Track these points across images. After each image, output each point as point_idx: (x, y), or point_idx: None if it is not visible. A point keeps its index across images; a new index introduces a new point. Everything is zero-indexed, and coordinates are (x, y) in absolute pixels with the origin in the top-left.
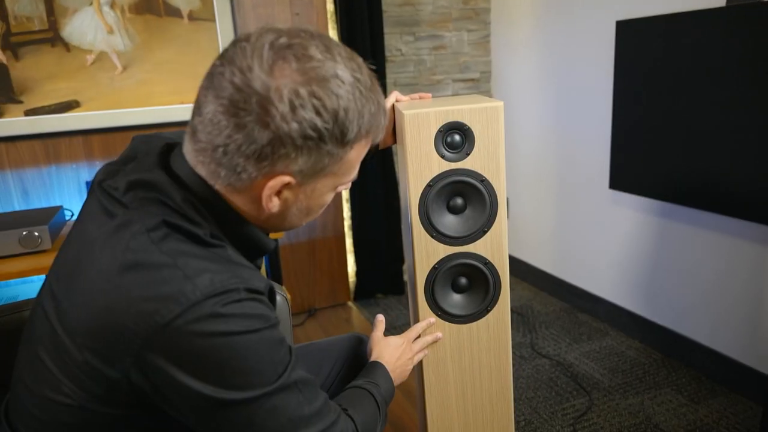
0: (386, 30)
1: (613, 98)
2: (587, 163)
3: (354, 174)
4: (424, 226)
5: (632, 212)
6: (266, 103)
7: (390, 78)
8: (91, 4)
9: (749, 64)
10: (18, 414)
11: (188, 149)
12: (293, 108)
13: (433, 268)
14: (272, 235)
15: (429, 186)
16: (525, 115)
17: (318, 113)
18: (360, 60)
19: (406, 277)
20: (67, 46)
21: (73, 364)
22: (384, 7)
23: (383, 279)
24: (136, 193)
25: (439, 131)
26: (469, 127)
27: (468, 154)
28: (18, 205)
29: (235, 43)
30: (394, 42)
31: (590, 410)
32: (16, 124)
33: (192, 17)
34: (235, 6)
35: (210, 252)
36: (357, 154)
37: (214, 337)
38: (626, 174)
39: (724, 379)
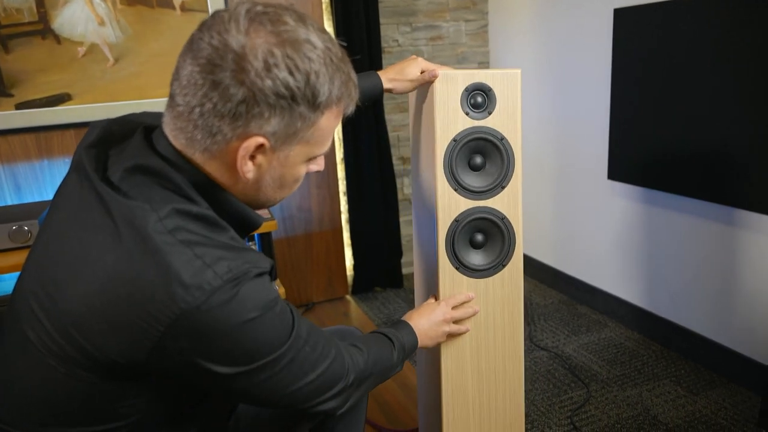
0: (382, 20)
1: (611, 87)
2: (586, 154)
3: (326, 146)
4: (447, 180)
5: (631, 203)
6: (241, 61)
7: None
8: None
9: (748, 52)
10: None
11: (167, 120)
12: (267, 66)
13: (455, 221)
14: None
15: (454, 141)
16: (523, 105)
17: (291, 73)
18: (331, 36)
19: (405, 270)
20: (57, 38)
21: (67, 360)
22: None
23: (381, 272)
24: (135, 179)
25: (465, 90)
26: (491, 89)
27: (490, 114)
28: (10, 200)
29: (213, 15)
30: (390, 33)
31: (588, 402)
32: (7, 117)
33: (184, 8)
34: None
35: (220, 237)
36: (328, 122)
37: (236, 319)
38: (624, 164)
39: (723, 370)
